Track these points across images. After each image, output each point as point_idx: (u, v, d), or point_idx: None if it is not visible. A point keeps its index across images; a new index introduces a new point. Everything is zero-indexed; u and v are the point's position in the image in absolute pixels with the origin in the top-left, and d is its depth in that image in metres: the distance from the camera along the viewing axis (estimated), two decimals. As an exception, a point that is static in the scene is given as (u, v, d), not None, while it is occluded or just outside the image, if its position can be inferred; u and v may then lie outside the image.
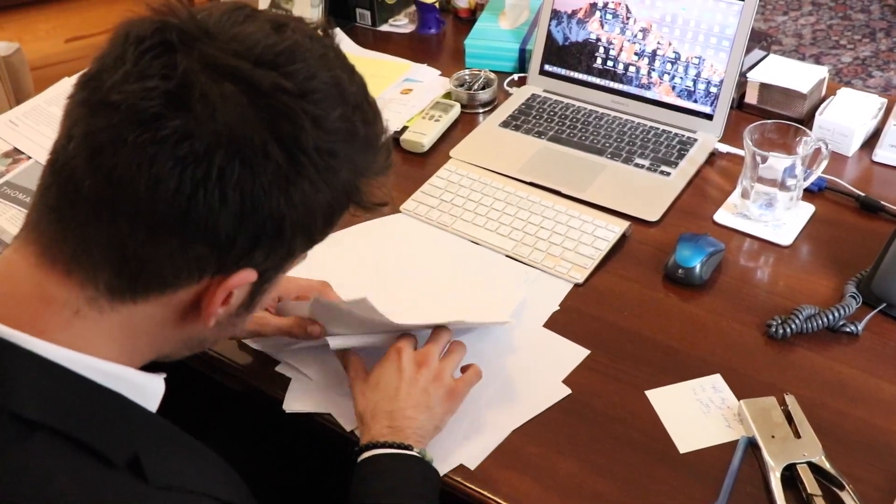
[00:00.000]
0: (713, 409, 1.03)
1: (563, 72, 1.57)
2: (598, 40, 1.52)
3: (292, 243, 0.71)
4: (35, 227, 0.70)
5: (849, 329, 1.11)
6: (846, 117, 1.42)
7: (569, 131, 1.49)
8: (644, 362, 1.09)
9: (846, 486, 0.92)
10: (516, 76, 1.66)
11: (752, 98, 1.51)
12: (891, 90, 3.28)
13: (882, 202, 1.30)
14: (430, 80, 1.66)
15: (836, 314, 1.11)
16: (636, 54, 1.49)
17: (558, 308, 1.18)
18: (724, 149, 1.44)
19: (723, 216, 1.32)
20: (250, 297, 0.76)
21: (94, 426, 0.67)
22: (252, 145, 0.64)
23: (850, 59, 3.46)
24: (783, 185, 1.25)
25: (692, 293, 1.19)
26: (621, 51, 1.51)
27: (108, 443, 0.67)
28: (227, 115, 0.64)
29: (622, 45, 1.50)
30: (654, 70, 1.48)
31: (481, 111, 1.59)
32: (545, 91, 1.59)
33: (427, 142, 1.49)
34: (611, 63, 1.52)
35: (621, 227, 1.28)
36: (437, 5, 1.83)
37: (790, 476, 0.94)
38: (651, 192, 1.36)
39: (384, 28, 1.88)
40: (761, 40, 1.55)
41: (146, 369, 0.75)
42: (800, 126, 1.28)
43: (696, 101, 1.46)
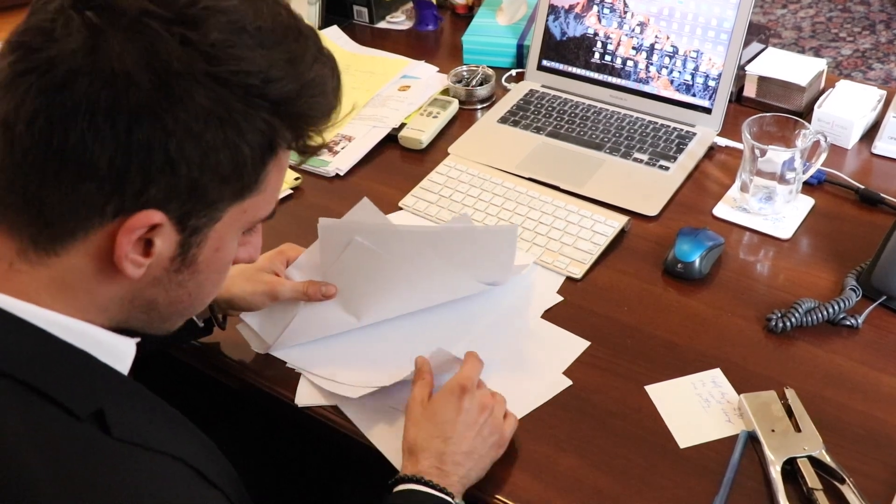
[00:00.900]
0: (713, 404, 1.03)
1: (560, 67, 1.57)
2: (596, 35, 1.52)
3: (196, 182, 0.67)
4: None
5: (849, 322, 1.11)
6: (845, 110, 1.41)
7: (567, 126, 1.49)
8: (644, 357, 1.09)
9: (847, 479, 0.92)
10: (514, 72, 1.66)
11: (750, 91, 1.51)
12: (891, 82, 3.27)
13: (882, 194, 1.30)
14: (427, 77, 1.66)
15: (836, 307, 1.10)
16: (634, 48, 1.49)
17: (561, 299, 1.17)
18: (722, 142, 1.43)
19: (722, 210, 1.31)
20: (182, 249, 0.71)
21: (54, 377, 0.67)
22: (113, 70, 0.63)
23: (850, 52, 3.45)
24: (782, 179, 1.25)
25: (692, 287, 1.18)
26: (619, 45, 1.50)
27: (72, 395, 0.67)
28: (85, 40, 0.63)
29: (620, 40, 1.50)
30: (652, 64, 1.48)
31: (479, 107, 1.58)
32: (543, 86, 1.59)
33: (425, 138, 1.49)
34: (609, 58, 1.52)
35: (620, 221, 1.28)
36: (434, 2, 1.83)
37: (791, 470, 0.94)
38: (650, 187, 1.36)
39: (382, 25, 1.88)
40: (759, 33, 1.54)
41: None
42: (798, 119, 1.27)
43: (694, 95, 1.46)
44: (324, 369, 1.10)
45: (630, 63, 1.50)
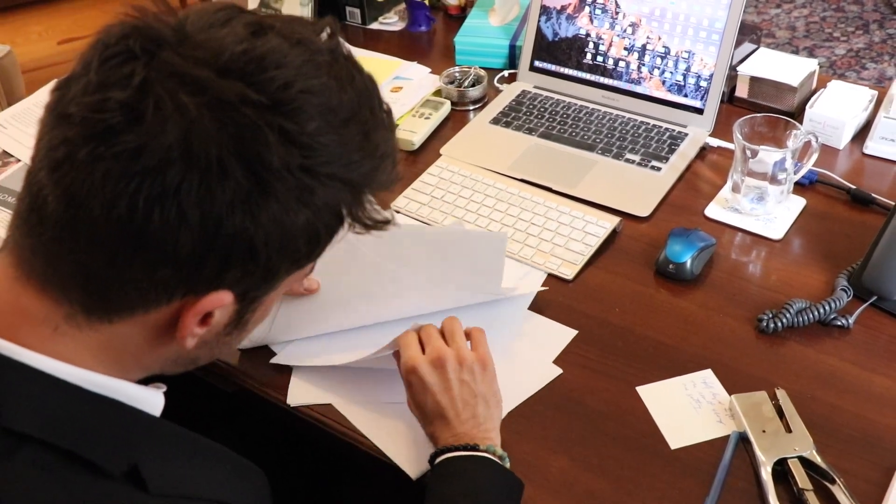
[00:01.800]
0: (704, 405, 1.03)
1: (553, 68, 1.57)
2: (588, 36, 1.52)
3: (271, 264, 0.67)
4: (12, 238, 0.68)
5: (840, 322, 1.11)
6: (837, 110, 1.41)
7: (559, 127, 1.49)
8: (635, 358, 1.09)
9: (837, 479, 0.92)
10: (506, 73, 1.66)
11: (742, 92, 1.51)
12: (884, 82, 3.27)
13: (873, 195, 1.30)
14: (420, 78, 1.66)
15: (828, 308, 1.11)
16: (626, 49, 1.49)
17: (545, 288, 1.18)
18: (714, 143, 1.43)
19: (714, 210, 1.31)
20: (238, 317, 0.72)
21: (87, 437, 0.65)
22: (208, 161, 0.60)
23: (844, 52, 3.46)
24: (774, 179, 1.25)
25: (683, 288, 1.19)
26: (611, 46, 1.50)
27: (104, 453, 0.65)
28: (181, 128, 0.60)
29: (612, 41, 1.50)
30: (643, 65, 1.48)
31: (472, 108, 1.58)
32: (535, 87, 1.59)
33: (417, 140, 1.49)
34: (600, 58, 1.52)
35: (612, 222, 1.28)
36: (426, 3, 1.82)
37: (781, 470, 0.94)
38: (642, 188, 1.36)
39: (374, 26, 1.88)
40: (751, 33, 1.55)
41: (143, 382, 0.74)
42: (790, 119, 1.27)
43: (686, 96, 1.46)
44: (309, 357, 1.10)
45: (622, 64, 1.50)
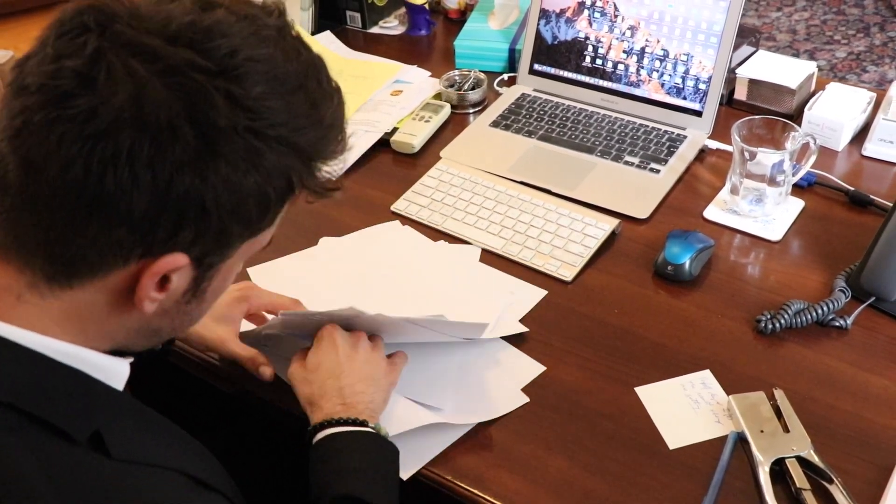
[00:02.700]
0: (702, 405, 1.03)
1: (552, 71, 1.58)
2: (587, 39, 1.53)
3: (223, 226, 0.69)
4: None
5: (838, 323, 1.11)
6: (835, 112, 1.42)
7: (559, 130, 1.49)
8: (633, 359, 1.09)
9: (835, 479, 0.92)
10: (506, 76, 1.66)
11: (741, 94, 1.52)
12: (885, 85, 3.27)
13: (871, 196, 1.30)
14: (420, 82, 1.67)
15: (826, 308, 1.11)
16: (625, 52, 1.50)
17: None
18: (713, 145, 1.44)
19: (712, 212, 1.32)
20: (195, 284, 0.73)
21: (53, 402, 0.68)
22: (158, 123, 0.63)
23: (845, 55, 3.46)
24: (772, 181, 1.25)
25: (682, 290, 1.19)
26: (610, 49, 1.51)
27: (68, 418, 0.67)
28: (131, 92, 0.62)
29: (611, 44, 1.51)
30: (642, 68, 1.49)
31: (471, 111, 1.59)
32: (535, 90, 1.59)
33: (417, 143, 1.49)
34: (600, 61, 1.52)
35: (611, 224, 1.28)
36: (427, 6, 1.83)
37: (779, 470, 0.94)
38: (641, 190, 1.36)
39: (374, 30, 1.88)
40: (749, 36, 1.55)
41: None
42: (788, 121, 1.28)
43: (685, 98, 1.46)
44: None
45: (621, 66, 1.51)
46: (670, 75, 1.47)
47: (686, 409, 1.03)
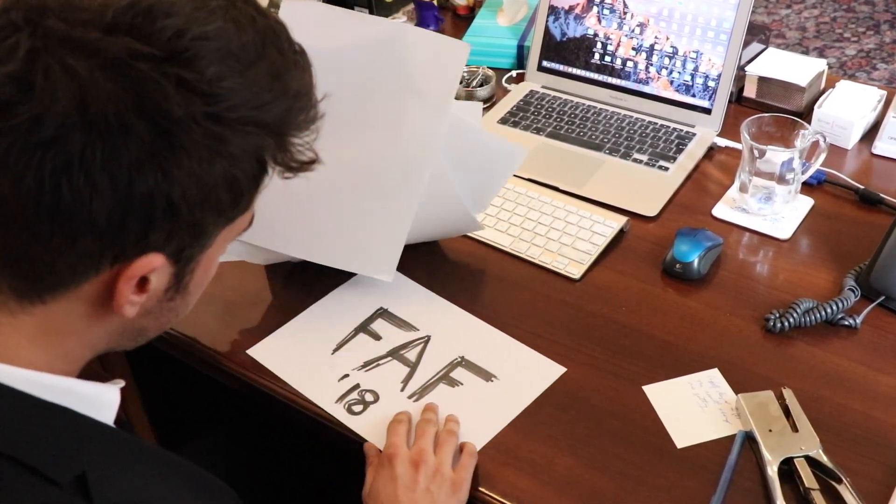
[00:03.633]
0: (710, 404, 1.03)
1: (561, 68, 1.57)
2: (596, 36, 1.52)
3: (196, 219, 0.65)
4: None
5: (847, 322, 1.11)
6: (845, 110, 1.41)
7: (567, 127, 1.49)
8: (641, 357, 1.09)
9: (844, 479, 0.92)
10: (514, 73, 1.66)
11: (750, 92, 1.51)
12: (895, 82, 3.26)
13: (881, 195, 1.30)
14: (428, 78, 1.66)
15: (835, 307, 1.10)
16: (634, 49, 1.49)
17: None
18: (722, 143, 1.43)
19: (721, 210, 1.31)
20: (176, 280, 0.70)
21: (33, 445, 0.64)
22: (107, 122, 0.58)
23: (855, 52, 3.44)
24: (781, 179, 1.25)
25: (690, 288, 1.19)
26: (619, 46, 1.50)
27: (50, 461, 0.63)
28: (74, 92, 0.58)
29: (620, 41, 1.50)
30: (651, 65, 1.48)
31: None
32: (543, 87, 1.59)
33: (425, 139, 1.49)
34: (608, 58, 1.52)
35: (619, 222, 1.28)
36: (435, 3, 1.83)
37: (788, 470, 0.94)
38: (649, 187, 1.36)
39: (383, 26, 1.88)
40: (759, 33, 1.54)
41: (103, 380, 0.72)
42: (797, 119, 1.27)
43: (694, 96, 1.46)
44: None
45: (630, 64, 1.50)
46: (679, 72, 1.46)
47: (694, 407, 1.03)
